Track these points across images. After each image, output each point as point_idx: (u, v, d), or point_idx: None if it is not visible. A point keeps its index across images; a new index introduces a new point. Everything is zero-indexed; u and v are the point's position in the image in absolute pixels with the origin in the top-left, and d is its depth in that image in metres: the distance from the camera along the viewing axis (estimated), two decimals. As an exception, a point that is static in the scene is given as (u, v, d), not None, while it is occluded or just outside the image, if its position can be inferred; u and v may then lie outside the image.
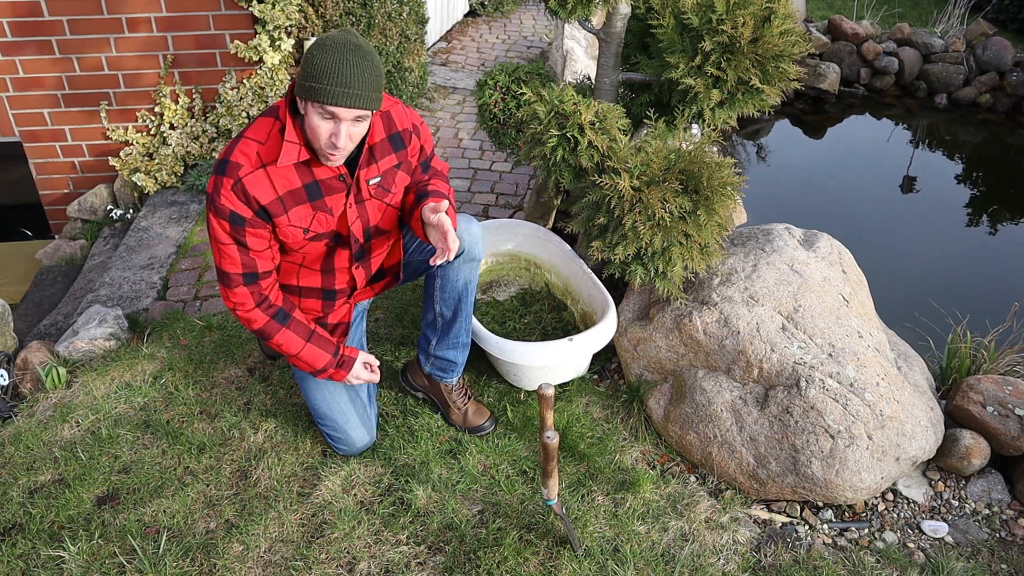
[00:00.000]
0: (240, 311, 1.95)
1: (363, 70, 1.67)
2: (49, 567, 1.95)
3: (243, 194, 1.78)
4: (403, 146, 1.98)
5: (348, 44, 1.67)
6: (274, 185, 1.80)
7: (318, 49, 1.66)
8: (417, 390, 2.45)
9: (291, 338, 2.00)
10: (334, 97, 1.66)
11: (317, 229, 1.90)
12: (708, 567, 1.99)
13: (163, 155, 3.73)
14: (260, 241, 1.86)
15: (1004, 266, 3.98)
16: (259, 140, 1.79)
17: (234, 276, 1.89)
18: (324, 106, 1.67)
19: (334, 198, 1.89)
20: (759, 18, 2.40)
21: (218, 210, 1.80)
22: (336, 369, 2.07)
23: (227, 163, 1.79)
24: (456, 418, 2.36)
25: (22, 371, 2.60)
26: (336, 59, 1.65)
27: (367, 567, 1.96)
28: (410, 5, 4.28)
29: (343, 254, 2.01)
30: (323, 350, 2.04)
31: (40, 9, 3.42)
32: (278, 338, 1.99)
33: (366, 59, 1.68)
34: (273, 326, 1.97)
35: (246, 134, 1.81)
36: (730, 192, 2.33)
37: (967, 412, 2.32)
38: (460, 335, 2.27)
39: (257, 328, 1.97)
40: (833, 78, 5.72)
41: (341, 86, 1.66)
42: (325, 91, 1.65)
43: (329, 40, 1.67)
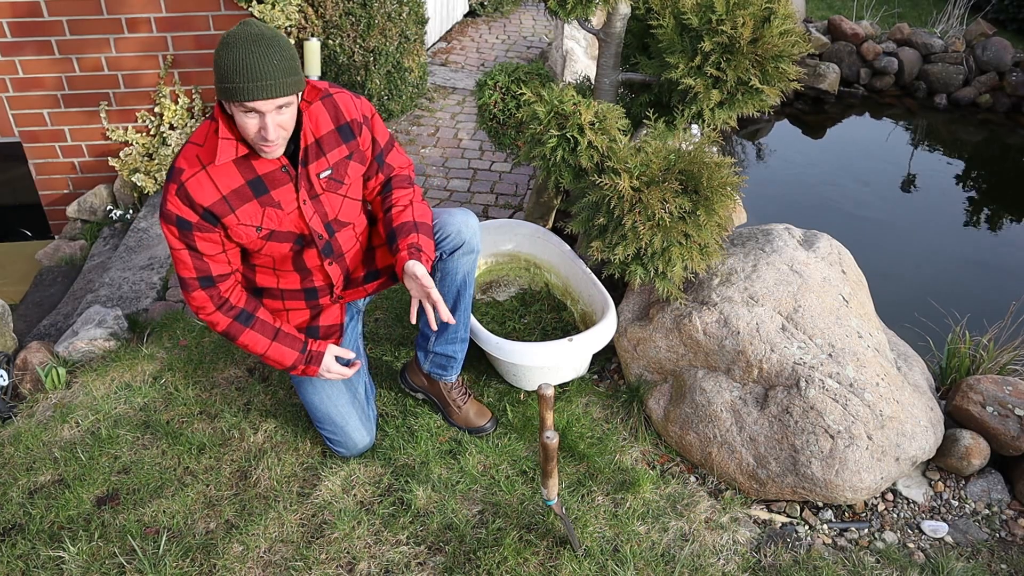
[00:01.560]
0: (202, 315, 1.95)
1: (270, 58, 1.65)
2: (49, 567, 1.95)
3: (186, 198, 1.79)
4: (353, 136, 1.95)
5: (249, 36, 1.65)
6: (217, 185, 1.80)
7: (222, 48, 1.65)
8: (417, 391, 2.44)
9: (256, 338, 1.99)
10: (249, 93, 1.64)
11: (270, 226, 1.88)
12: (708, 567, 2.00)
13: (163, 155, 3.73)
14: (211, 245, 1.86)
15: (1004, 266, 3.98)
16: (198, 143, 1.80)
17: (189, 280, 1.90)
18: (244, 104, 1.66)
19: (280, 192, 1.86)
20: (759, 18, 2.40)
21: (166, 216, 1.82)
22: (306, 365, 2.06)
23: (172, 169, 1.82)
24: (457, 419, 2.36)
25: (22, 371, 2.60)
26: (241, 54, 1.63)
27: (367, 567, 1.96)
28: (410, 5, 4.28)
29: (311, 253, 2.00)
30: (290, 347, 2.03)
31: (40, 9, 3.42)
32: (243, 339, 1.99)
33: (272, 46, 1.65)
34: (236, 327, 1.97)
35: (190, 140, 1.83)
36: (730, 192, 2.33)
37: (967, 412, 2.32)
38: (459, 330, 2.26)
39: (221, 330, 1.98)
40: (833, 78, 5.72)
41: (253, 80, 1.64)
42: (239, 89, 1.64)
43: (231, 37, 1.66)
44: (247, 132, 1.72)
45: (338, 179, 1.95)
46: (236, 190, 1.82)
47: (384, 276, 2.22)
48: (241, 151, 1.78)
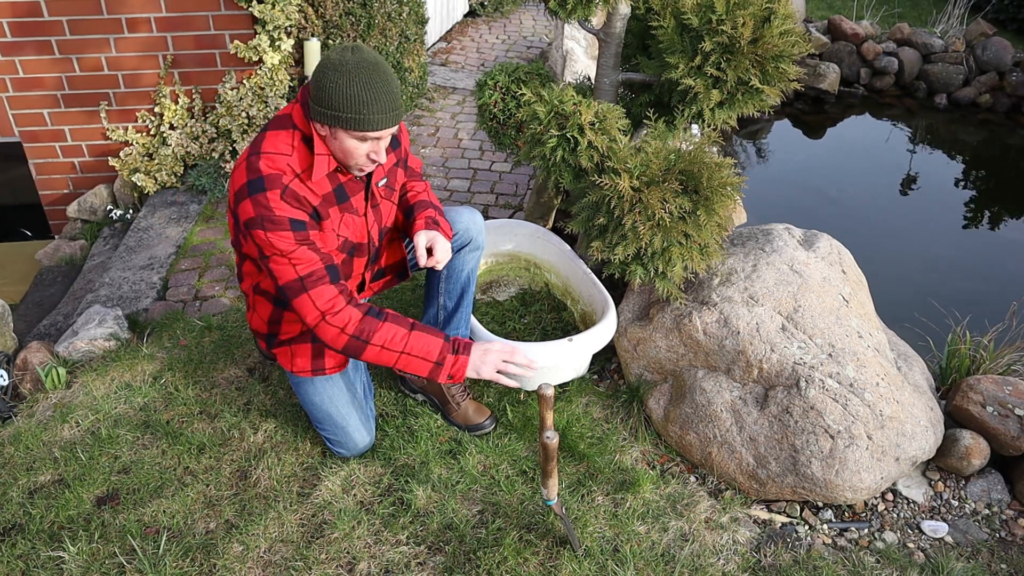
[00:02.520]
0: (329, 317, 1.77)
1: (391, 87, 1.67)
2: (49, 567, 1.95)
3: (294, 199, 1.75)
4: (398, 145, 2.04)
5: (367, 64, 1.64)
6: (313, 191, 1.81)
7: (340, 77, 1.63)
8: (416, 392, 2.45)
9: (394, 330, 1.78)
10: (376, 124, 1.67)
11: (345, 233, 1.91)
12: (708, 567, 2.00)
13: (163, 155, 3.73)
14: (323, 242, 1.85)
15: (1004, 266, 3.98)
16: (284, 152, 1.77)
17: (317, 273, 1.76)
18: (366, 132, 1.68)
19: (356, 199, 1.92)
20: (759, 18, 2.40)
21: (276, 223, 1.72)
22: (455, 355, 1.80)
23: (263, 178, 1.73)
24: (457, 416, 2.36)
25: (22, 371, 2.60)
26: (365, 85, 1.63)
27: (367, 567, 1.96)
28: (410, 5, 4.28)
29: (361, 261, 2.04)
30: (432, 336, 1.81)
31: (40, 9, 3.42)
32: (381, 334, 1.77)
33: (388, 74, 1.67)
34: (370, 321, 1.77)
35: (265, 149, 1.76)
36: (730, 192, 2.33)
37: (967, 412, 2.32)
38: (460, 327, 2.31)
39: (352, 331, 1.77)
40: (833, 78, 5.72)
41: (381, 112, 1.66)
42: (366, 120, 1.65)
43: (346, 64, 1.64)
44: (354, 156, 1.73)
45: (391, 186, 2.02)
46: (326, 196, 1.84)
47: (389, 275, 2.27)
48: (332, 165, 1.80)
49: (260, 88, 3.72)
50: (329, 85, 1.64)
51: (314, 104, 1.69)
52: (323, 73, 1.66)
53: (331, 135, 1.73)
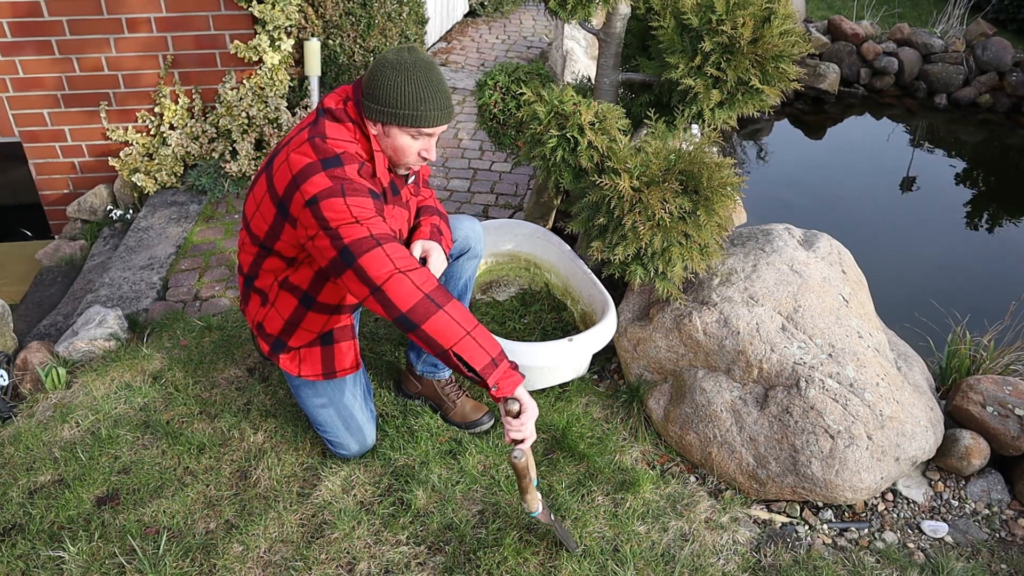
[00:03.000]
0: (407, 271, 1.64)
1: (444, 86, 1.74)
2: (49, 567, 1.95)
3: (370, 176, 1.80)
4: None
5: (424, 63, 1.71)
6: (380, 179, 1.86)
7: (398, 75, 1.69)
8: (413, 397, 2.46)
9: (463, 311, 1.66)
10: (435, 120, 1.73)
11: (393, 225, 1.94)
12: (708, 567, 1.99)
13: (163, 155, 3.73)
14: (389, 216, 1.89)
15: (1004, 266, 3.98)
16: (347, 139, 1.80)
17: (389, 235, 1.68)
18: (422, 129, 1.74)
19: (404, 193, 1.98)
20: (759, 18, 2.40)
21: (357, 190, 1.69)
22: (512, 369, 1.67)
23: (339, 156, 1.74)
24: (455, 415, 2.37)
25: (22, 371, 2.60)
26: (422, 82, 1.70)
27: (367, 567, 1.96)
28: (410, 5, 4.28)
29: None
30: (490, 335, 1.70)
31: (40, 9, 3.42)
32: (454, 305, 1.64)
33: (441, 74, 1.74)
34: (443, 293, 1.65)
35: (331, 135, 1.77)
36: (730, 192, 2.33)
37: (967, 412, 2.32)
38: None
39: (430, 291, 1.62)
40: (833, 78, 5.72)
41: (438, 108, 1.72)
42: (422, 116, 1.72)
43: (404, 64, 1.70)
44: (407, 153, 1.79)
45: (418, 184, 2.07)
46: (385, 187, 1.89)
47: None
48: (386, 162, 1.86)
49: (260, 88, 3.72)
50: (387, 83, 1.70)
51: (369, 102, 1.74)
52: (380, 72, 1.71)
53: (383, 133, 1.79)
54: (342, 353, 2.13)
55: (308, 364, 2.11)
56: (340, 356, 2.12)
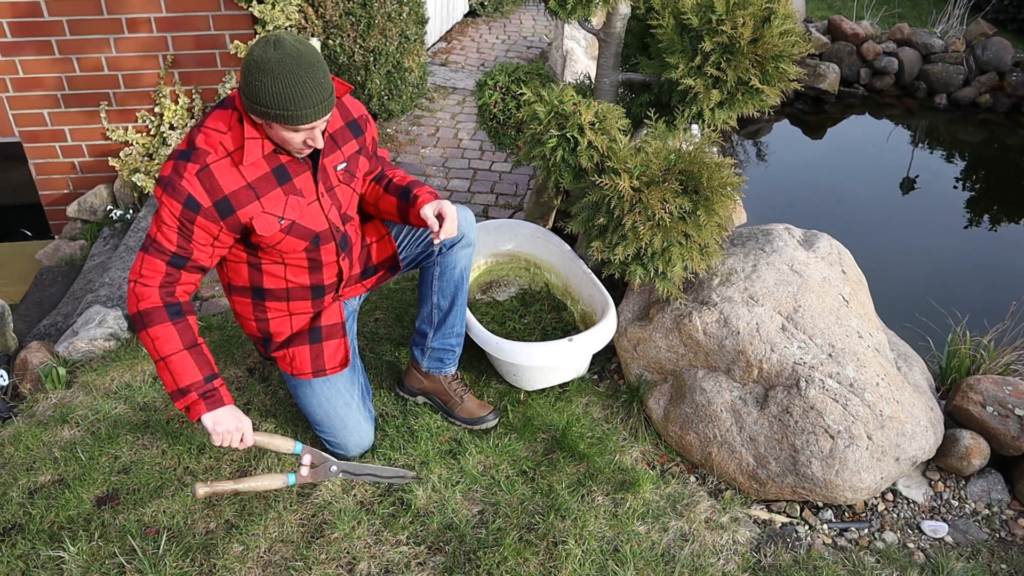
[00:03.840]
0: (139, 283, 1.82)
1: (316, 78, 1.66)
2: (49, 567, 1.95)
3: (208, 180, 1.76)
4: (361, 132, 2.02)
5: (290, 59, 1.63)
6: (242, 172, 1.80)
7: (264, 76, 1.62)
8: (416, 394, 2.45)
9: (171, 336, 1.82)
10: (305, 118, 1.67)
11: (291, 216, 1.88)
12: (708, 567, 1.99)
13: (163, 155, 3.73)
14: (204, 235, 1.83)
15: (1003, 266, 3.98)
16: (220, 131, 1.78)
17: (164, 248, 1.80)
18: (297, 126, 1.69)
19: (301, 180, 1.89)
20: (759, 18, 2.40)
21: (176, 191, 1.75)
22: (201, 397, 1.84)
23: (193, 150, 1.76)
24: (462, 411, 2.36)
25: (22, 371, 2.60)
26: (290, 81, 1.63)
27: (367, 567, 1.96)
28: (410, 5, 4.28)
29: (329, 248, 2.01)
30: (198, 367, 1.84)
31: (40, 9, 3.42)
32: (158, 329, 1.82)
33: (312, 65, 1.65)
34: (160, 314, 1.82)
35: (206, 124, 1.79)
36: (730, 192, 2.33)
37: (967, 412, 2.32)
38: (456, 324, 2.31)
39: (142, 308, 1.82)
40: (833, 78, 5.72)
41: (309, 107, 1.66)
42: (295, 116, 1.66)
43: (269, 63, 1.62)
44: (290, 143, 1.75)
45: (351, 172, 2.01)
46: (261, 177, 1.83)
47: (381, 270, 2.25)
48: (267, 148, 1.80)
49: (260, 88, 3.72)
50: (255, 84, 1.65)
51: (244, 99, 1.70)
52: (248, 71, 1.66)
53: (266, 124, 1.74)
54: (331, 351, 2.13)
55: (299, 362, 2.12)
56: (329, 354, 2.13)
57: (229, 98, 1.83)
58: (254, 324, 2.11)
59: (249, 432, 1.91)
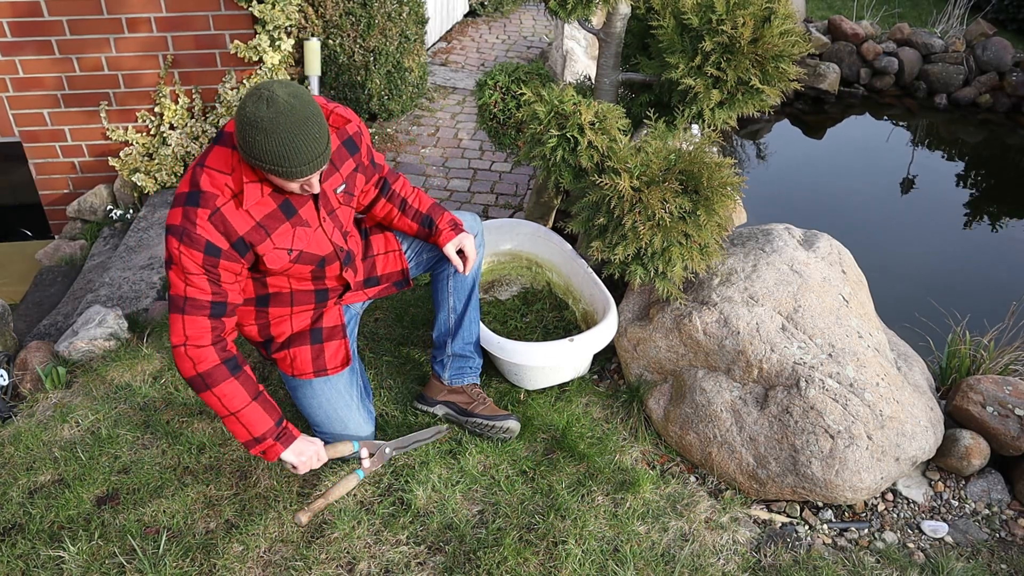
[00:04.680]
0: (190, 346, 1.80)
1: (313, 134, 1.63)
2: (49, 567, 1.95)
3: (222, 224, 1.75)
4: (356, 149, 1.99)
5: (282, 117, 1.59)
6: (250, 212, 1.79)
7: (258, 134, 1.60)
8: (435, 404, 2.41)
9: (238, 391, 1.84)
10: (300, 173, 1.66)
11: (299, 246, 1.89)
12: (708, 567, 2.00)
13: (163, 155, 3.73)
14: (230, 275, 1.83)
15: (1003, 266, 3.98)
16: (225, 171, 1.76)
17: (201, 302, 1.79)
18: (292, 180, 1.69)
19: (305, 210, 1.89)
20: (759, 18, 2.40)
21: (193, 240, 1.73)
22: (275, 441, 1.90)
23: (200, 193, 1.74)
24: (483, 410, 2.33)
25: (22, 371, 2.60)
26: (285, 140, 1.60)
27: (367, 567, 1.96)
28: (410, 5, 4.28)
29: (333, 267, 2.03)
30: (268, 414, 1.89)
31: (40, 9, 3.42)
32: (223, 387, 1.83)
33: (309, 122, 1.63)
34: (222, 371, 1.83)
35: (208, 164, 1.76)
36: (730, 192, 2.33)
37: (967, 412, 2.32)
38: (472, 325, 2.34)
39: (202, 370, 1.81)
40: (833, 78, 5.72)
41: (302, 163, 1.65)
42: (289, 172, 1.65)
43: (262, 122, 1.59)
44: (288, 188, 1.75)
45: (350, 192, 2.00)
46: (269, 214, 1.82)
47: (385, 283, 2.27)
48: (267, 190, 1.79)
49: (260, 88, 3.72)
50: (249, 140, 1.62)
51: (241, 151, 1.67)
52: (242, 128, 1.62)
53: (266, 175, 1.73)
54: (331, 351, 2.14)
55: (300, 363, 2.12)
56: (330, 354, 2.13)
57: (228, 134, 1.80)
58: (255, 328, 2.11)
59: (322, 451, 1.99)
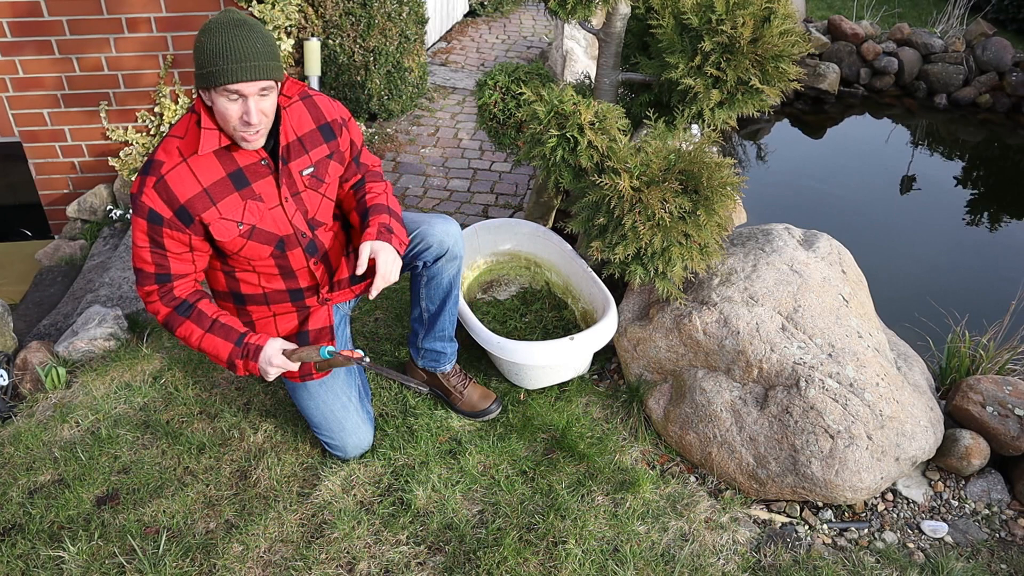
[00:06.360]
0: (147, 302, 1.93)
1: (254, 41, 1.67)
2: (49, 567, 1.95)
3: (165, 191, 1.77)
4: (333, 137, 1.98)
5: (232, 20, 1.68)
6: (197, 177, 1.79)
7: (204, 34, 1.67)
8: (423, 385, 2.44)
9: (192, 329, 1.91)
10: (234, 74, 1.65)
11: (251, 220, 1.87)
12: (708, 567, 2.00)
13: (163, 155, 3.72)
14: (177, 244, 1.84)
15: (1003, 266, 3.98)
16: (178, 135, 1.80)
17: (146, 273, 1.87)
18: (227, 87, 1.67)
19: (261, 185, 1.87)
20: (759, 18, 2.40)
21: (138, 208, 1.79)
22: (244, 360, 1.91)
23: (151, 162, 1.79)
24: (463, 406, 2.39)
25: (22, 371, 2.60)
26: (225, 38, 1.65)
27: (367, 567, 1.96)
28: (410, 5, 4.28)
29: (296, 253, 1.99)
30: (223, 339, 1.90)
31: (40, 9, 3.42)
32: (182, 329, 1.92)
33: (254, 31, 1.68)
34: (175, 317, 1.91)
35: (169, 132, 1.82)
36: (730, 192, 2.33)
37: (967, 412, 2.32)
38: (445, 327, 2.32)
39: (162, 320, 1.93)
40: (833, 78, 5.72)
41: (238, 62, 1.65)
42: (223, 71, 1.65)
43: (212, 23, 1.68)
44: (229, 119, 1.72)
45: (319, 177, 1.97)
46: (218, 182, 1.82)
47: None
48: (223, 141, 1.79)
49: (260, 88, 3.71)
50: (196, 45, 1.69)
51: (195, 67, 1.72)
52: (197, 37, 1.70)
53: (213, 103, 1.73)
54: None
55: None
56: None
57: (192, 105, 1.84)
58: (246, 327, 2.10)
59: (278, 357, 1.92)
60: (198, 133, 1.78)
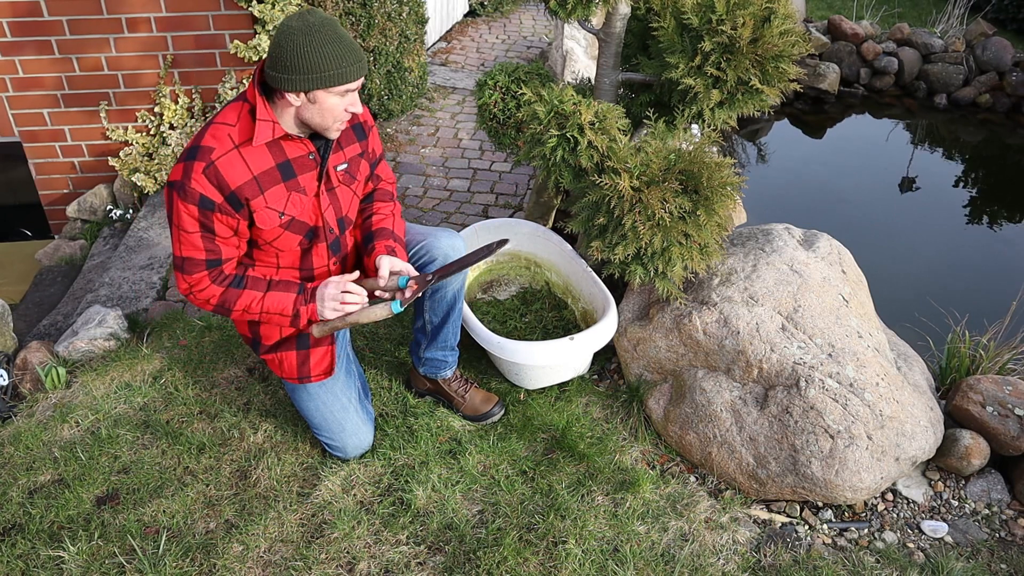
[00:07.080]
0: (196, 291, 1.89)
1: (352, 40, 1.75)
2: (49, 567, 1.95)
3: (215, 177, 1.77)
4: (364, 136, 2.04)
5: (326, 21, 1.71)
6: (249, 166, 1.81)
7: (304, 39, 1.68)
8: (424, 393, 2.49)
9: (252, 296, 1.91)
10: (351, 75, 1.73)
11: (292, 212, 1.89)
12: (708, 567, 2.00)
13: (163, 155, 3.73)
14: (226, 229, 1.84)
15: (1003, 265, 3.98)
16: (229, 123, 1.81)
17: (196, 261, 1.85)
18: (346, 86, 1.74)
19: (306, 177, 1.90)
20: (759, 18, 2.40)
21: (187, 194, 1.77)
22: (307, 305, 1.92)
23: (198, 148, 1.78)
24: (466, 409, 2.40)
25: (22, 371, 2.60)
26: (330, 41, 1.70)
27: (367, 567, 1.96)
28: (410, 5, 4.28)
29: (320, 248, 2.00)
30: (285, 291, 1.92)
31: (40, 9, 3.42)
32: (241, 301, 1.90)
33: (343, 30, 1.75)
34: (232, 293, 1.90)
35: (216, 120, 1.82)
36: (730, 192, 2.33)
37: (967, 412, 2.32)
38: (448, 339, 2.32)
39: (217, 302, 1.90)
40: (833, 78, 5.72)
41: (352, 63, 1.73)
42: (342, 74, 1.72)
43: (306, 27, 1.69)
44: (335, 113, 1.78)
45: (352, 174, 2.01)
46: (267, 171, 1.84)
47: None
48: (277, 133, 1.81)
49: (260, 88, 3.71)
50: (301, 50, 1.69)
51: (284, 74, 1.71)
52: (290, 40, 1.69)
53: (308, 100, 1.76)
54: (316, 358, 2.11)
55: (287, 367, 2.11)
56: (315, 361, 2.11)
57: (242, 93, 1.85)
58: (246, 325, 2.11)
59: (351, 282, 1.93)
60: (251, 123, 1.80)
